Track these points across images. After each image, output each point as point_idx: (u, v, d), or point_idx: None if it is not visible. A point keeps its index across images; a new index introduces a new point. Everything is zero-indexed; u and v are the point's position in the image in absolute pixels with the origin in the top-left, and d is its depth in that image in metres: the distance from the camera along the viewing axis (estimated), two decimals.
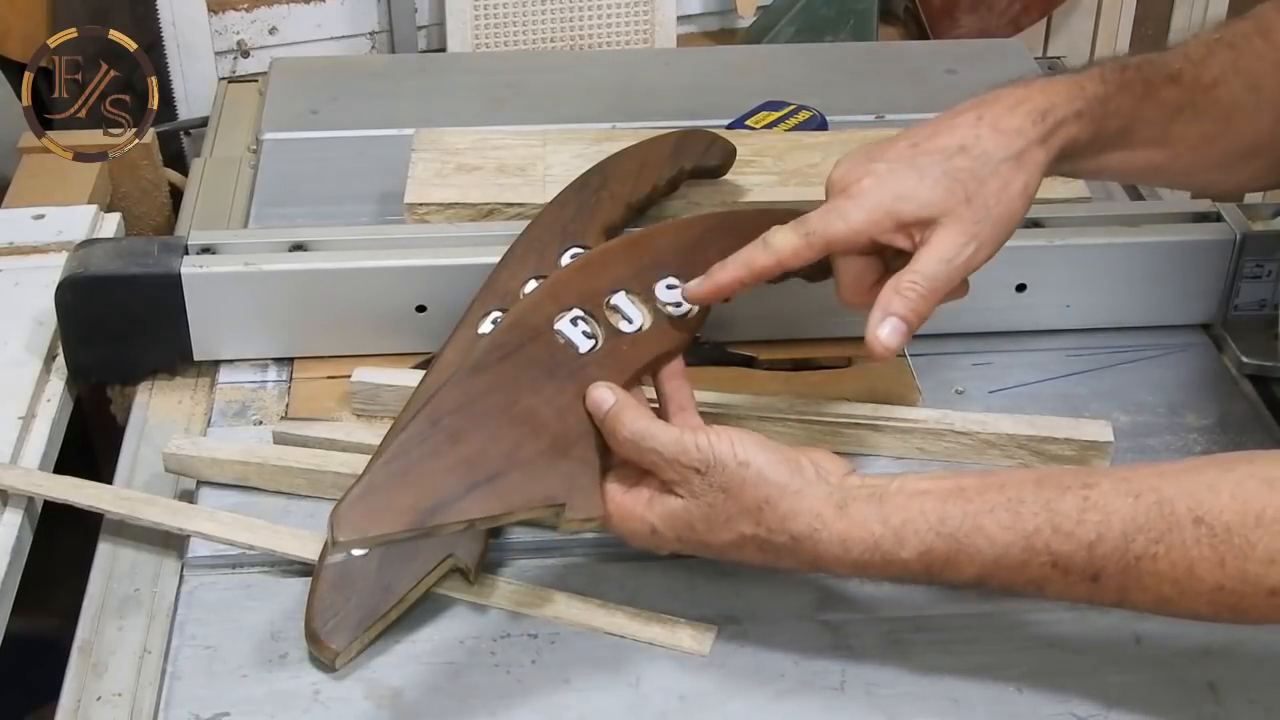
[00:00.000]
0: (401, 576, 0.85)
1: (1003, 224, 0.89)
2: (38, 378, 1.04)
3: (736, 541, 0.80)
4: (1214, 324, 1.12)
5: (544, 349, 0.86)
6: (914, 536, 0.78)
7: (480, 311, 0.98)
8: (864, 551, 0.79)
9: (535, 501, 0.80)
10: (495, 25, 1.65)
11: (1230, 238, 1.08)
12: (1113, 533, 0.75)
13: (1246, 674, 0.84)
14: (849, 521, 0.79)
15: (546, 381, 0.84)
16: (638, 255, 0.93)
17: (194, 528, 0.91)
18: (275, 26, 1.62)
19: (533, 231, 1.03)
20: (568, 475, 0.81)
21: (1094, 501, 0.76)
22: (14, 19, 1.50)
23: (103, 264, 1.02)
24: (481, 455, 0.80)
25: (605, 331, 0.88)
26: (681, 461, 0.80)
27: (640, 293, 0.91)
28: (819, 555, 0.79)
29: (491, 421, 0.81)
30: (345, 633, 0.83)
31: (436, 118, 1.30)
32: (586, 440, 0.83)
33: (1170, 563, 0.74)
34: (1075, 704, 0.82)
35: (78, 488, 0.94)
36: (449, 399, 0.82)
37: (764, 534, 0.80)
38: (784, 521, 0.79)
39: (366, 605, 0.84)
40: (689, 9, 1.75)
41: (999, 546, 0.77)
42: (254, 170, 1.30)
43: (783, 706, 0.82)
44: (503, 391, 0.83)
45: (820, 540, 0.79)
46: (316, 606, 0.84)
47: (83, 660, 0.85)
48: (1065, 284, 1.09)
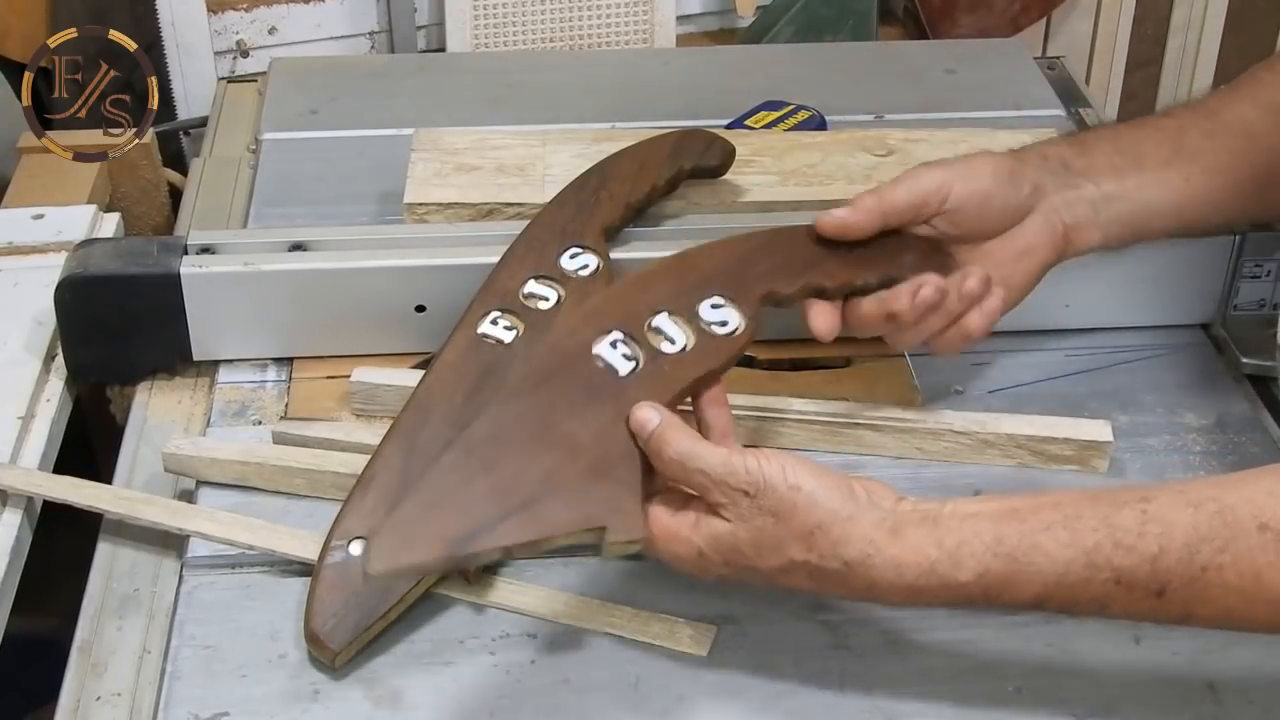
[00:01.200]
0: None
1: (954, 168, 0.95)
2: (37, 378, 1.04)
3: (786, 567, 0.78)
4: (1213, 324, 1.12)
5: (581, 374, 0.83)
6: (970, 558, 0.76)
7: (480, 311, 0.98)
8: (919, 575, 0.76)
9: (574, 525, 0.77)
10: (495, 25, 1.65)
11: (1230, 238, 1.08)
12: (1175, 544, 0.73)
13: (1246, 674, 0.84)
14: (903, 546, 0.76)
15: (584, 405, 0.81)
16: (680, 276, 0.90)
17: (193, 528, 0.91)
18: (275, 26, 1.62)
19: (532, 231, 1.03)
20: (608, 498, 0.78)
21: (1153, 514, 0.74)
22: (14, 19, 1.50)
23: (102, 264, 1.02)
24: (516, 481, 0.77)
25: (646, 353, 0.85)
26: (730, 483, 0.78)
27: (683, 313, 0.88)
28: (873, 582, 0.77)
29: (526, 447, 0.79)
30: (344, 633, 0.83)
31: (436, 118, 1.30)
32: (628, 462, 0.80)
33: (1237, 572, 0.72)
34: (1075, 704, 0.82)
35: (77, 488, 0.94)
36: (481, 428, 0.80)
37: (815, 560, 0.77)
38: (836, 547, 0.77)
39: (366, 605, 0.84)
40: (689, 9, 1.75)
41: (1059, 564, 0.75)
42: (253, 170, 1.30)
43: (783, 706, 0.82)
44: (538, 417, 0.81)
45: (874, 566, 0.76)
46: (315, 607, 0.84)
47: (82, 660, 0.85)
48: (1065, 284, 1.09)
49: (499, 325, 0.97)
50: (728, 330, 0.88)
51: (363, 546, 0.86)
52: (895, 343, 0.95)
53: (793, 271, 0.92)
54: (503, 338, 0.96)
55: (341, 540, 0.87)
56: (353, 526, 0.87)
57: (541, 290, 0.99)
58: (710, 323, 0.88)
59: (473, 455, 0.78)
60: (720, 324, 0.88)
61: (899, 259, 0.94)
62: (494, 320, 0.97)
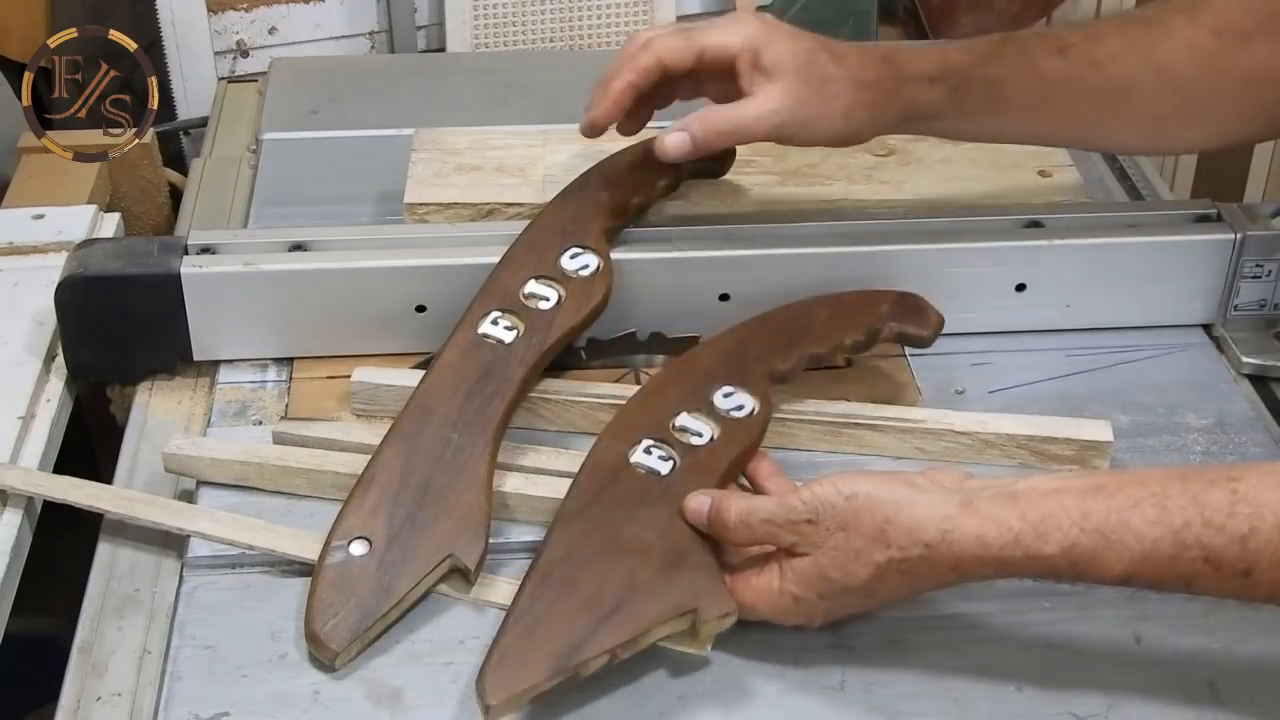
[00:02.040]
0: (401, 577, 0.85)
1: (813, 124, 1.00)
2: (37, 378, 1.04)
3: (876, 574, 0.78)
4: (1214, 324, 1.12)
5: (628, 483, 0.87)
6: (1056, 531, 0.76)
7: (480, 312, 0.98)
8: (1004, 547, 0.76)
9: (667, 614, 0.80)
10: (495, 25, 1.65)
11: (1230, 238, 1.08)
12: (1265, 525, 0.73)
13: (1246, 674, 0.84)
14: (981, 518, 0.77)
15: (640, 510, 0.85)
16: (686, 378, 0.95)
17: (194, 528, 0.91)
18: (275, 26, 1.62)
19: (532, 232, 1.03)
20: (690, 583, 0.82)
21: (1243, 494, 0.74)
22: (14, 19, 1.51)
23: (102, 264, 1.02)
24: (600, 591, 0.81)
25: (680, 451, 0.89)
26: (793, 519, 0.80)
27: (701, 408, 0.92)
28: (958, 559, 0.77)
29: (600, 560, 0.83)
30: (345, 633, 0.83)
31: (436, 118, 1.30)
32: (697, 547, 0.84)
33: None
34: (1075, 704, 0.82)
35: (78, 487, 0.94)
36: (553, 553, 0.83)
37: (897, 554, 0.78)
38: (912, 534, 0.77)
39: (366, 605, 0.84)
40: (689, 9, 1.76)
41: (1147, 542, 0.75)
42: (254, 170, 1.30)
43: (783, 706, 0.82)
44: (601, 531, 0.84)
45: (955, 541, 0.77)
46: (316, 607, 0.84)
47: (83, 660, 0.85)
48: (1065, 284, 1.09)
49: (499, 325, 0.97)
50: (745, 413, 0.92)
51: (365, 548, 0.86)
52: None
53: (785, 347, 0.97)
54: (503, 338, 0.97)
55: (342, 540, 0.87)
56: (353, 526, 0.87)
57: (542, 290, 0.99)
58: (727, 410, 0.92)
59: (551, 579, 0.82)
60: (737, 409, 0.93)
61: (877, 310, 1.00)
62: (494, 320, 0.97)
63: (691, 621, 0.81)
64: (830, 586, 0.80)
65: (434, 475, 0.89)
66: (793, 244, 1.07)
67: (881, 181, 1.17)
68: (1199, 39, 1.02)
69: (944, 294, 1.08)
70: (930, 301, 1.01)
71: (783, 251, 1.07)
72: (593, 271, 1.01)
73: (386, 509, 0.88)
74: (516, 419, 1.00)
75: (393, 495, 0.88)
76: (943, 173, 1.19)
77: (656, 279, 1.06)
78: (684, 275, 1.06)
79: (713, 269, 1.07)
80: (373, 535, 0.86)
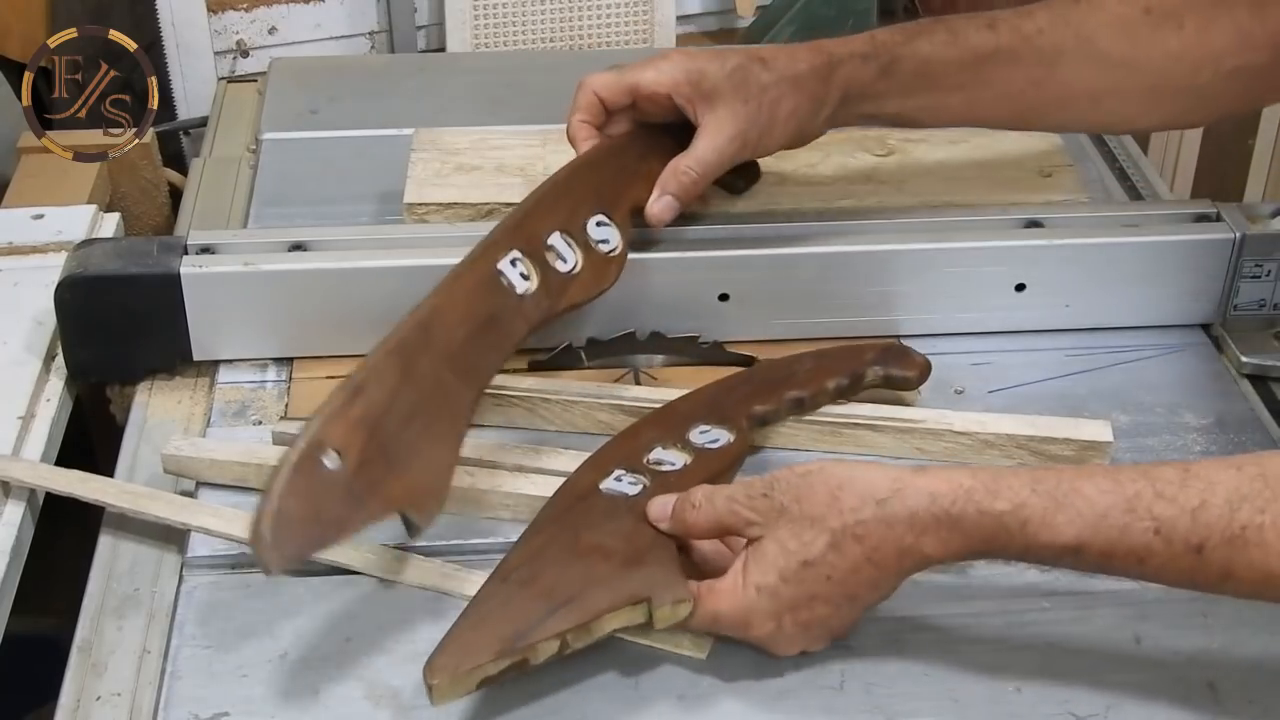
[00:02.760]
0: (360, 511, 0.82)
1: (767, 134, 1.02)
2: (37, 377, 1.04)
3: (832, 542, 0.78)
4: (1214, 324, 1.12)
5: (595, 503, 0.87)
6: (1008, 490, 0.76)
7: (505, 246, 0.96)
8: (955, 501, 0.76)
9: (619, 603, 0.80)
10: (495, 25, 1.65)
11: (1230, 238, 1.08)
12: (1217, 499, 0.73)
13: (1246, 674, 0.84)
14: (933, 476, 0.78)
15: (605, 522, 0.85)
16: (665, 420, 0.95)
17: (198, 523, 0.91)
18: (275, 26, 1.62)
19: (571, 179, 1.02)
20: (647, 576, 0.81)
21: (1195, 472, 0.75)
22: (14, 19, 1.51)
23: (102, 264, 1.02)
24: (557, 585, 0.80)
25: (650, 478, 0.89)
26: (750, 496, 0.80)
27: (677, 443, 0.92)
28: (913, 514, 0.77)
29: (560, 561, 0.82)
30: (292, 547, 0.80)
31: (436, 118, 1.30)
32: (658, 546, 0.83)
33: (1278, 532, 0.72)
34: (1075, 704, 0.82)
35: (84, 481, 0.94)
36: (512, 559, 0.83)
37: (850, 519, 0.77)
38: (863, 495, 0.78)
39: (320, 529, 0.81)
40: (689, 9, 1.76)
41: (1099, 508, 0.75)
42: (253, 170, 1.30)
43: (783, 706, 0.82)
44: (564, 538, 0.84)
45: (907, 496, 0.77)
46: (271, 508, 0.79)
47: (82, 660, 0.85)
48: (1065, 284, 1.09)
49: (516, 268, 0.95)
50: (720, 445, 0.92)
51: (337, 464, 0.82)
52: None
53: (767, 392, 0.97)
54: (516, 285, 0.95)
55: (319, 445, 0.82)
56: (334, 435, 0.83)
57: (563, 248, 0.98)
58: (703, 444, 0.92)
59: (508, 581, 0.81)
60: (712, 441, 0.92)
61: (862, 357, 1.01)
62: (514, 261, 0.96)
63: (647, 612, 0.80)
64: (789, 561, 0.79)
65: (420, 410, 0.86)
66: (793, 244, 1.07)
67: (881, 182, 1.17)
68: (1127, 14, 1.03)
69: (944, 294, 1.08)
70: (913, 350, 1.01)
71: (783, 251, 1.07)
72: (611, 249, 0.99)
73: (367, 428, 0.84)
74: (517, 419, 1.00)
75: (377, 415, 0.85)
76: (943, 173, 1.19)
77: (656, 279, 1.06)
78: (684, 275, 1.06)
79: (713, 269, 1.07)
80: (347, 452, 0.83)
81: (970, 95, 1.04)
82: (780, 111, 1.02)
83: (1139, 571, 0.76)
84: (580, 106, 1.05)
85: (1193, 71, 1.02)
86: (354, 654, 0.84)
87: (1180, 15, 1.02)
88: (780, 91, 1.01)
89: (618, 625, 0.80)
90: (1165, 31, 1.02)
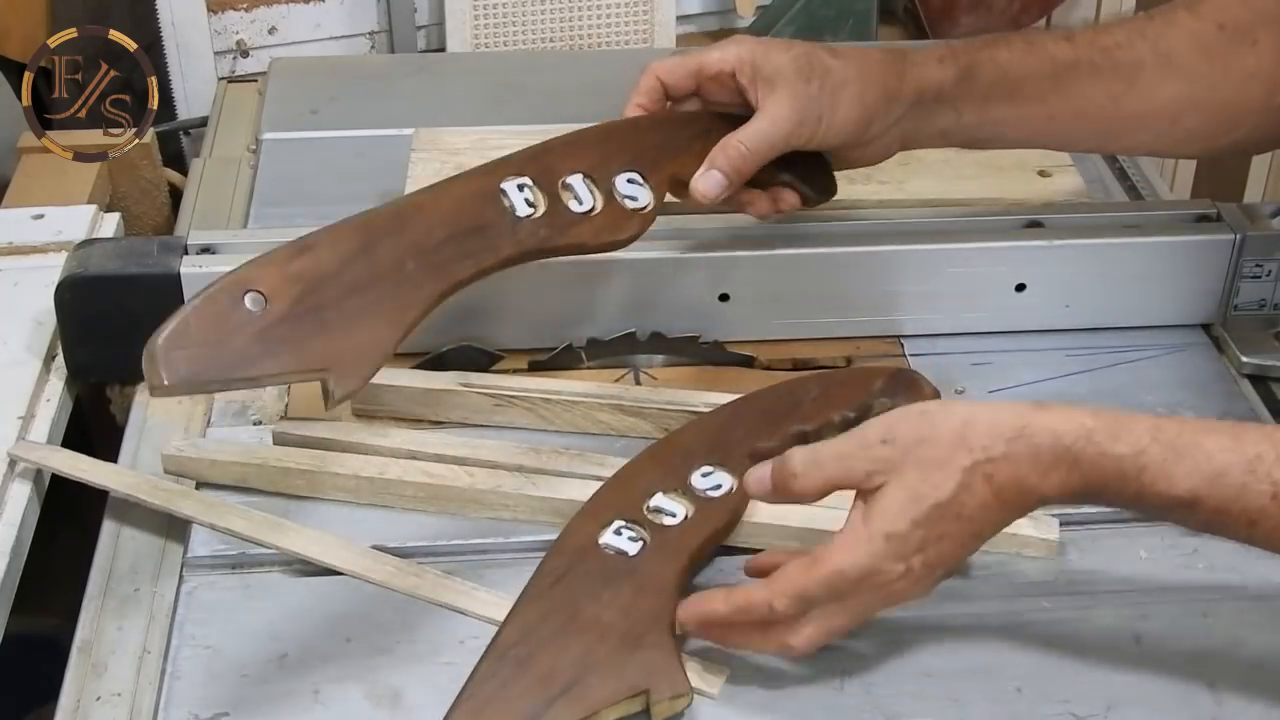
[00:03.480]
0: (270, 359, 0.79)
1: (829, 119, 0.98)
2: (37, 378, 1.04)
3: (964, 482, 0.76)
4: (1214, 324, 1.12)
5: (594, 564, 0.85)
6: (1129, 434, 0.75)
7: (512, 169, 0.92)
8: (1077, 439, 0.75)
9: (618, 695, 0.78)
10: (495, 25, 1.65)
11: (1230, 238, 1.08)
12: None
13: (1246, 674, 0.84)
14: (1056, 414, 0.76)
15: (603, 589, 0.83)
16: (665, 459, 0.92)
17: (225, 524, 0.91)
18: (275, 26, 1.62)
19: (612, 133, 0.99)
20: (644, 663, 0.80)
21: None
22: (14, 19, 1.51)
23: (102, 264, 1.02)
24: (553, 670, 0.79)
25: (650, 530, 0.87)
26: (866, 445, 0.78)
27: (677, 487, 0.90)
28: (1037, 451, 0.75)
29: (556, 640, 0.80)
30: (184, 370, 0.76)
31: (436, 118, 1.30)
32: (656, 627, 0.82)
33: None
34: (1075, 704, 0.82)
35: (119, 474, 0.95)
36: (510, 633, 0.81)
37: (981, 455, 0.76)
38: (992, 432, 0.76)
39: (221, 360, 0.77)
40: (689, 9, 1.76)
41: (1218, 464, 0.74)
42: (253, 170, 1.30)
43: (783, 706, 0.82)
44: (562, 611, 0.82)
45: (1034, 434, 0.76)
46: (175, 327, 0.77)
47: (83, 660, 0.85)
48: (1065, 284, 1.09)
49: (522, 193, 0.92)
50: (723, 492, 0.90)
51: (258, 306, 0.79)
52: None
53: (770, 426, 0.93)
54: (517, 208, 0.91)
55: (242, 284, 0.80)
56: (262, 278, 0.80)
57: (582, 191, 0.94)
58: (704, 490, 0.90)
59: (505, 660, 0.80)
60: (714, 488, 0.90)
61: (870, 387, 0.95)
62: (521, 186, 0.92)
63: (645, 702, 0.79)
64: (920, 506, 0.76)
65: (369, 286, 0.83)
66: (793, 244, 1.07)
67: (881, 182, 1.17)
68: (1202, 29, 1.02)
69: (944, 294, 1.08)
70: (924, 378, 0.96)
71: (783, 252, 1.07)
72: (639, 206, 0.96)
73: (304, 284, 0.81)
74: (517, 419, 1.00)
75: (319, 276, 0.82)
76: (943, 173, 1.19)
77: (656, 279, 1.06)
78: (684, 275, 1.06)
79: (713, 269, 1.07)
80: (274, 298, 0.80)
81: (1050, 109, 1.02)
82: (844, 97, 0.98)
83: (1248, 534, 0.75)
84: (641, 90, 1.01)
85: (1269, 91, 1.01)
86: (354, 654, 0.84)
87: (1254, 32, 1.01)
88: (846, 76, 0.98)
89: (617, 716, 0.79)
90: (1240, 48, 1.01)
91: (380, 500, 0.94)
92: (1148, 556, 0.92)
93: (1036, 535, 0.91)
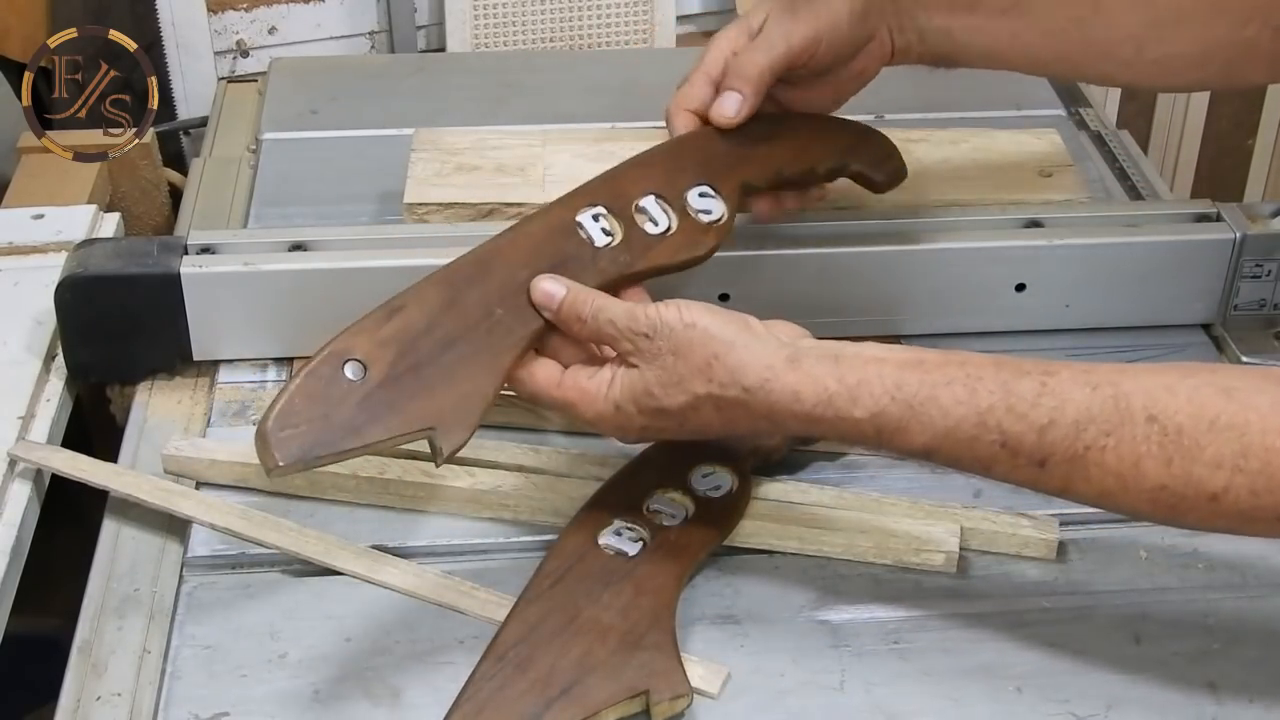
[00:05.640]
0: (377, 424, 0.80)
1: (830, 19, 0.99)
2: (37, 378, 1.04)
3: (692, 403, 0.82)
4: (1214, 324, 1.12)
5: (593, 564, 0.86)
6: (868, 397, 0.79)
7: (586, 200, 0.93)
8: (816, 404, 0.80)
9: (617, 697, 0.78)
10: (495, 25, 1.65)
11: (1230, 238, 1.08)
12: (1065, 419, 0.75)
13: (1246, 674, 0.84)
14: (801, 374, 0.80)
15: (602, 591, 0.84)
16: (668, 453, 0.93)
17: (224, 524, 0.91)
18: (275, 26, 1.62)
19: (680, 147, 0.99)
20: (644, 664, 0.80)
21: (1051, 388, 0.76)
22: (14, 19, 1.50)
23: (102, 264, 1.02)
24: (553, 672, 0.79)
25: (650, 531, 0.88)
26: (633, 329, 0.83)
27: (679, 488, 0.91)
28: (772, 407, 0.80)
29: (555, 641, 0.81)
30: (296, 448, 0.77)
31: (436, 118, 1.30)
32: (657, 628, 0.82)
33: (1118, 456, 0.75)
34: (1075, 704, 0.82)
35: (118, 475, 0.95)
36: (509, 634, 0.81)
37: (716, 390, 0.81)
38: (734, 374, 0.81)
39: (331, 433, 0.79)
40: (689, 9, 1.75)
41: (951, 419, 0.78)
42: (253, 170, 1.30)
43: (783, 706, 0.82)
44: (561, 612, 0.83)
45: (772, 391, 0.80)
46: (282, 408, 0.78)
47: (82, 660, 0.85)
48: (1065, 284, 1.09)
49: (598, 223, 0.92)
50: (723, 491, 0.92)
51: (358, 374, 0.81)
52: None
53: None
54: (595, 238, 0.92)
55: (341, 355, 0.82)
56: (357, 346, 0.82)
57: (656, 213, 0.95)
58: (704, 490, 0.92)
59: (505, 660, 0.80)
60: (714, 488, 0.92)
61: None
62: (596, 216, 0.93)
63: (645, 703, 0.79)
64: (649, 401, 0.83)
65: (462, 338, 0.84)
66: (793, 244, 1.07)
67: None
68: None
69: (944, 294, 1.08)
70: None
71: (783, 252, 1.07)
72: (713, 220, 0.96)
73: (399, 346, 0.82)
74: (517, 419, 1.00)
75: (412, 336, 0.83)
76: (943, 173, 1.19)
77: (657, 279, 1.05)
78: (685, 275, 1.05)
79: (713, 269, 1.06)
80: (371, 365, 0.81)
81: (1014, 24, 1.02)
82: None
83: (985, 475, 0.79)
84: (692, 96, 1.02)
85: (1239, 24, 1.01)
86: (354, 654, 0.84)
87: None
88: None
89: (616, 717, 0.79)
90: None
91: (380, 500, 0.94)
92: (1148, 556, 0.92)
93: (1036, 535, 0.91)
